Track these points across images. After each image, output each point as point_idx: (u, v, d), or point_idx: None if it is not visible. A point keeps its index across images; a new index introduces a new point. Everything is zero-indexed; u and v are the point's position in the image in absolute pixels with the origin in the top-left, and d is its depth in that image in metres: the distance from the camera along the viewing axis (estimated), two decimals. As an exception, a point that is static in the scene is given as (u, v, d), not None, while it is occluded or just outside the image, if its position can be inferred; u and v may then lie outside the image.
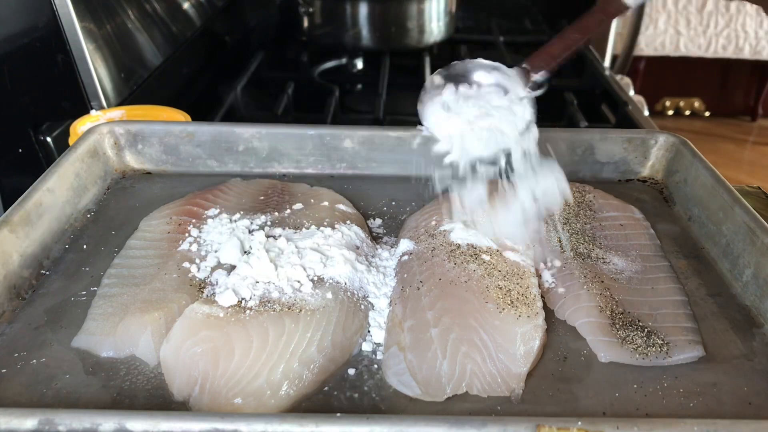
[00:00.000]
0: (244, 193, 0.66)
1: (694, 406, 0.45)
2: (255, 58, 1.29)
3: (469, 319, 0.48)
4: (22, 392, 0.44)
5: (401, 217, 0.66)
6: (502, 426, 0.38)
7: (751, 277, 0.55)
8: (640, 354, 0.48)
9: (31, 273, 0.56)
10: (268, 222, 0.61)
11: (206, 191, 0.66)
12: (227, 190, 0.66)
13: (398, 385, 0.46)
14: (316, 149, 0.73)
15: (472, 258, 0.53)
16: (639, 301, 0.53)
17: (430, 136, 0.58)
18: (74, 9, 0.84)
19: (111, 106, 0.87)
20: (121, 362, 0.47)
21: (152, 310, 0.50)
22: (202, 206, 0.63)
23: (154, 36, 1.06)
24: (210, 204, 0.63)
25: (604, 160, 0.74)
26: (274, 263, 0.53)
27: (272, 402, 0.44)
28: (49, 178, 0.61)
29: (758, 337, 0.51)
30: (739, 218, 0.58)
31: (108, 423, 0.38)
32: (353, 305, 0.52)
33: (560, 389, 0.46)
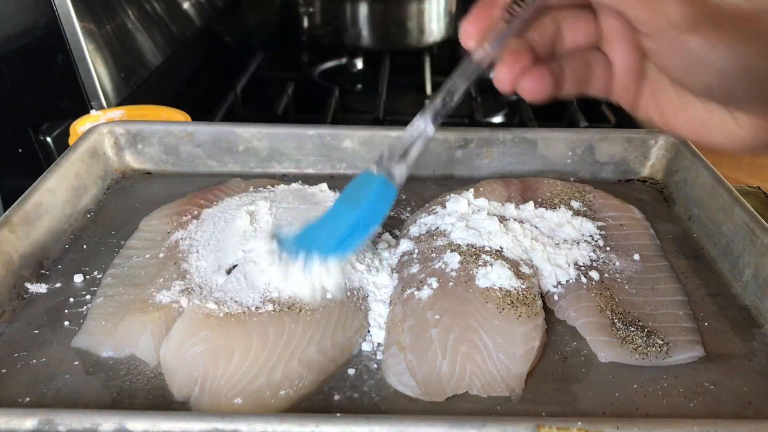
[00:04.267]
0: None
1: (694, 406, 0.45)
2: (255, 58, 1.29)
3: (469, 319, 0.48)
4: (22, 392, 0.44)
5: (401, 217, 0.66)
6: (502, 426, 0.38)
7: (751, 277, 0.55)
8: (640, 354, 0.48)
9: (31, 273, 0.56)
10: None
11: (206, 191, 0.66)
12: (227, 190, 0.66)
13: (398, 385, 0.46)
14: (316, 149, 0.73)
15: (473, 258, 0.53)
16: (639, 301, 0.53)
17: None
18: (74, 9, 0.84)
19: (111, 106, 0.87)
20: (121, 362, 0.47)
21: (152, 310, 0.50)
22: (202, 206, 0.63)
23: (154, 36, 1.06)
24: (210, 204, 0.63)
25: (604, 160, 0.74)
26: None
27: (272, 402, 0.44)
28: (49, 178, 0.61)
29: (758, 337, 0.51)
30: (739, 218, 0.58)
31: (108, 423, 0.38)
32: (353, 305, 0.52)
33: (560, 389, 0.46)
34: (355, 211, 0.49)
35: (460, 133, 0.73)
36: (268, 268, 0.51)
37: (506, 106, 1.18)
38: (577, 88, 0.40)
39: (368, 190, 0.49)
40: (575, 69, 0.40)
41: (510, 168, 0.73)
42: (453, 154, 0.73)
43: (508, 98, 1.20)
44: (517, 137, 0.73)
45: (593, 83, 0.40)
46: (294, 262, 0.50)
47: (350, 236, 0.50)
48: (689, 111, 0.38)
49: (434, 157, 0.73)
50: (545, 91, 0.38)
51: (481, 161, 0.73)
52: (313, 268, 0.50)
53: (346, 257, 0.52)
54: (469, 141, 0.73)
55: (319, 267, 0.50)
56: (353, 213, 0.49)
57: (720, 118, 0.37)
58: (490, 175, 0.72)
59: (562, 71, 0.39)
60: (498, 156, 0.73)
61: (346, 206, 0.51)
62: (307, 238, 0.51)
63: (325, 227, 0.51)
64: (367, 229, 0.50)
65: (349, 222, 0.49)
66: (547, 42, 0.40)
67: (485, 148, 0.73)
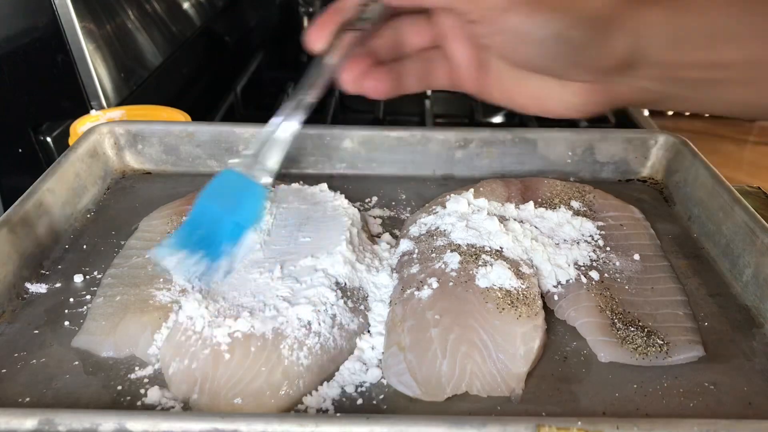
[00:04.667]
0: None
1: (694, 406, 0.45)
2: (255, 58, 1.29)
3: (469, 319, 0.48)
4: (22, 392, 0.44)
5: (401, 217, 0.66)
6: (502, 426, 0.38)
7: (751, 277, 0.55)
8: (640, 354, 0.48)
9: (31, 273, 0.56)
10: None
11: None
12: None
13: (398, 385, 0.46)
14: (316, 149, 0.73)
15: (473, 258, 0.53)
16: (639, 301, 0.53)
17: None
18: (74, 9, 0.84)
19: (111, 106, 0.87)
20: (121, 362, 0.47)
21: (152, 310, 0.50)
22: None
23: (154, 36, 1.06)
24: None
25: (604, 160, 0.74)
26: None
27: (272, 402, 0.44)
28: (49, 178, 0.61)
29: (758, 337, 0.51)
30: (739, 218, 0.58)
31: (108, 423, 0.38)
32: (353, 305, 0.52)
33: (560, 389, 0.46)
34: (232, 215, 0.49)
35: (460, 133, 0.73)
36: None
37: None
38: (419, 86, 0.46)
39: (240, 192, 0.49)
40: (416, 68, 0.45)
41: (510, 168, 0.73)
42: (453, 154, 0.73)
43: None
44: (517, 137, 0.73)
45: (436, 78, 0.46)
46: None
47: (230, 240, 0.49)
48: (528, 87, 0.43)
49: (434, 157, 0.73)
50: (385, 89, 0.44)
51: (481, 161, 0.73)
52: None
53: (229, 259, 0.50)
54: (469, 141, 0.73)
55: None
56: (230, 216, 0.49)
57: (555, 89, 0.42)
58: (490, 175, 0.72)
59: (404, 70, 0.45)
60: (498, 156, 0.73)
61: (219, 208, 0.49)
62: (188, 239, 0.49)
63: (202, 229, 0.49)
64: (243, 231, 0.49)
65: (229, 223, 0.49)
66: (388, 47, 0.45)
67: (485, 148, 0.73)
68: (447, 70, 0.45)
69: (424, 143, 0.73)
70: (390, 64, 0.44)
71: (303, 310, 0.49)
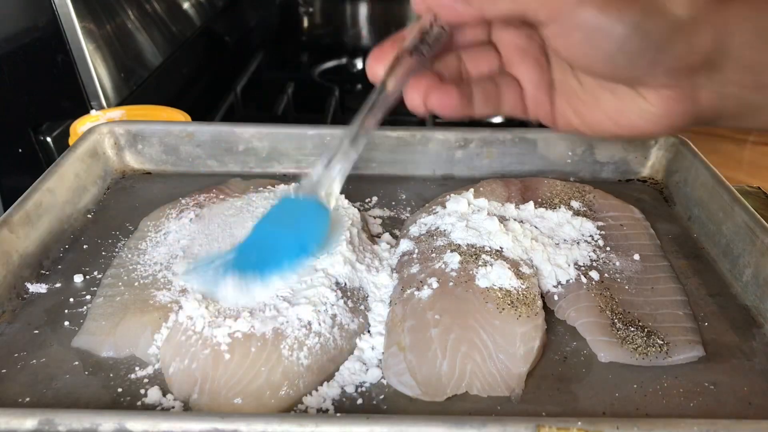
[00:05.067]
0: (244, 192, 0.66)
1: (694, 406, 0.45)
2: (255, 58, 1.29)
3: (469, 319, 0.48)
4: (22, 392, 0.44)
5: (401, 217, 0.66)
6: (502, 426, 0.38)
7: (751, 277, 0.55)
8: (640, 354, 0.48)
9: (31, 273, 0.56)
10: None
11: (206, 191, 0.66)
12: (227, 190, 0.66)
13: (398, 385, 0.46)
14: (316, 149, 0.73)
15: (473, 258, 0.53)
16: (639, 301, 0.53)
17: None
18: (74, 9, 0.84)
19: (111, 106, 0.87)
20: (121, 362, 0.47)
21: (152, 310, 0.50)
22: (202, 206, 0.63)
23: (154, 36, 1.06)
24: (210, 204, 0.63)
25: (604, 160, 0.74)
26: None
27: (272, 402, 0.44)
28: (49, 178, 0.61)
29: (758, 337, 0.51)
30: (739, 218, 0.58)
31: (108, 423, 0.38)
32: (353, 305, 0.52)
33: (560, 389, 0.46)
34: (295, 232, 0.48)
35: (460, 133, 0.73)
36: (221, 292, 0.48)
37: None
38: (489, 108, 0.43)
39: (304, 211, 0.48)
40: (484, 90, 0.43)
41: (510, 168, 0.73)
42: (453, 154, 0.73)
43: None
44: (517, 137, 0.73)
45: (506, 103, 0.44)
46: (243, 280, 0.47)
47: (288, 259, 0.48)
48: (602, 104, 0.40)
49: (434, 157, 0.73)
50: (453, 105, 0.42)
51: (481, 161, 0.73)
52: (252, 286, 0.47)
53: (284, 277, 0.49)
54: (469, 141, 0.73)
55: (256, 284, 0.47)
56: (292, 233, 0.48)
57: (631, 101, 0.39)
58: (490, 175, 0.72)
59: (471, 91, 0.43)
60: (498, 156, 0.73)
61: (279, 228, 0.48)
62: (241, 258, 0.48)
63: (258, 249, 0.48)
64: (307, 251, 0.49)
65: (290, 242, 0.47)
66: (452, 72, 0.43)
67: (485, 148, 0.73)
68: (516, 95, 0.43)
69: (424, 143, 0.73)
70: (458, 83, 0.43)
71: (303, 310, 0.49)
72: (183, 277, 0.52)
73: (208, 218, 0.61)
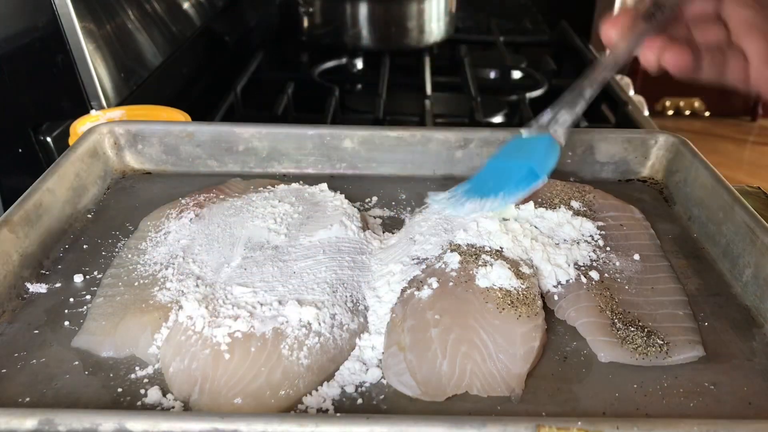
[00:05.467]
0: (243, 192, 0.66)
1: (694, 406, 0.45)
2: (255, 58, 1.29)
3: (469, 319, 0.48)
4: (22, 392, 0.44)
5: (401, 217, 0.66)
6: (502, 426, 0.38)
7: (751, 277, 0.55)
8: (640, 354, 0.48)
9: (31, 273, 0.56)
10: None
11: (206, 191, 0.66)
12: (227, 190, 0.66)
13: (398, 385, 0.46)
14: (316, 149, 0.73)
15: (473, 258, 0.53)
16: (639, 301, 0.53)
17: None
18: (74, 9, 0.84)
19: (111, 106, 0.87)
20: (121, 362, 0.47)
21: (152, 310, 0.50)
22: (202, 206, 0.63)
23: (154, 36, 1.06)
24: (210, 204, 0.63)
25: (604, 160, 0.74)
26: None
27: (272, 402, 0.44)
28: (49, 178, 0.61)
29: (758, 337, 0.51)
30: (739, 218, 0.58)
31: (108, 423, 0.38)
32: (353, 305, 0.52)
33: (560, 389, 0.46)
34: (528, 161, 0.54)
35: (460, 133, 0.73)
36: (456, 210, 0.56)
37: (506, 106, 1.18)
38: (714, 74, 0.48)
39: (535, 145, 0.55)
40: (712, 57, 0.47)
41: (510, 168, 0.73)
42: (453, 154, 0.73)
43: (508, 98, 1.20)
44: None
45: (731, 72, 0.47)
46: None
47: (521, 183, 0.55)
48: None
49: (434, 157, 0.73)
50: (686, 64, 0.47)
51: (481, 161, 0.73)
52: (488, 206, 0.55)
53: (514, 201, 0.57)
54: (469, 141, 0.73)
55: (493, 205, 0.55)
56: (525, 162, 0.54)
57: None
58: (490, 175, 0.72)
59: (700, 55, 0.47)
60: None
61: (514, 159, 0.55)
62: (476, 187, 0.56)
63: (493, 177, 0.56)
64: (537, 179, 0.55)
65: (523, 169, 0.54)
66: (681, 39, 0.48)
67: (485, 148, 0.73)
68: (740, 67, 0.46)
69: (424, 143, 0.73)
70: (688, 44, 0.47)
71: (303, 310, 0.49)
72: (432, 200, 0.59)
73: (208, 218, 0.61)
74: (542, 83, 1.24)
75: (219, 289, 0.51)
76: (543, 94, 1.21)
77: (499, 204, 0.55)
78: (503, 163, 0.58)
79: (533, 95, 1.18)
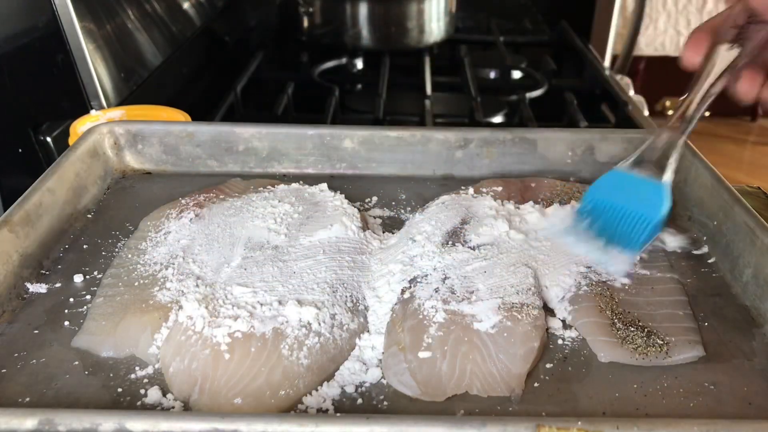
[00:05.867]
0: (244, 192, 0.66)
1: (694, 406, 0.45)
2: (255, 58, 1.29)
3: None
4: (22, 392, 0.44)
5: (401, 217, 0.66)
6: (502, 426, 0.38)
7: (751, 277, 0.55)
8: (640, 354, 0.48)
9: (31, 273, 0.56)
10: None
11: (206, 191, 0.66)
12: (227, 190, 0.66)
13: (398, 385, 0.46)
14: (316, 149, 0.73)
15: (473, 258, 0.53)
16: (639, 301, 0.53)
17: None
18: (74, 9, 0.84)
19: (111, 106, 0.87)
20: (121, 362, 0.47)
21: (152, 310, 0.50)
22: (202, 206, 0.63)
23: (154, 36, 1.06)
24: (210, 204, 0.63)
25: (604, 160, 0.73)
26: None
27: (272, 402, 0.44)
28: (49, 178, 0.61)
29: (758, 337, 0.51)
30: (739, 218, 0.58)
31: (108, 423, 0.38)
32: (353, 305, 0.52)
33: (560, 389, 0.46)
34: (655, 217, 0.54)
35: (460, 133, 0.73)
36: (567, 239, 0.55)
37: (506, 106, 1.18)
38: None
39: (653, 193, 0.54)
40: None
41: (510, 168, 0.73)
42: (453, 154, 0.73)
43: (508, 98, 1.20)
44: (517, 137, 0.73)
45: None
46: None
47: (644, 238, 0.54)
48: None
49: (434, 157, 0.73)
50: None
51: (481, 161, 0.73)
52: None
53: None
54: (469, 141, 0.73)
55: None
56: (653, 219, 0.54)
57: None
58: (490, 175, 0.72)
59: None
60: (498, 156, 0.73)
61: (640, 205, 0.54)
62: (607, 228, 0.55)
63: (624, 224, 0.54)
64: (657, 233, 0.55)
65: (651, 223, 0.53)
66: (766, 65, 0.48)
67: (485, 148, 0.73)
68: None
69: (424, 143, 0.73)
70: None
71: (303, 310, 0.49)
72: (562, 235, 0.57)
73: (208, 218, 0.61)
74: (542, 83, 1.24)
75: (219, 289, 0.51)
76: (543, 94, 1.21)
77: (628, 255, 0.55)
78: (626, 206, 0.55)
79: (533, 95, 1.18)
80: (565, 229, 0.56)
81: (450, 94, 1.29)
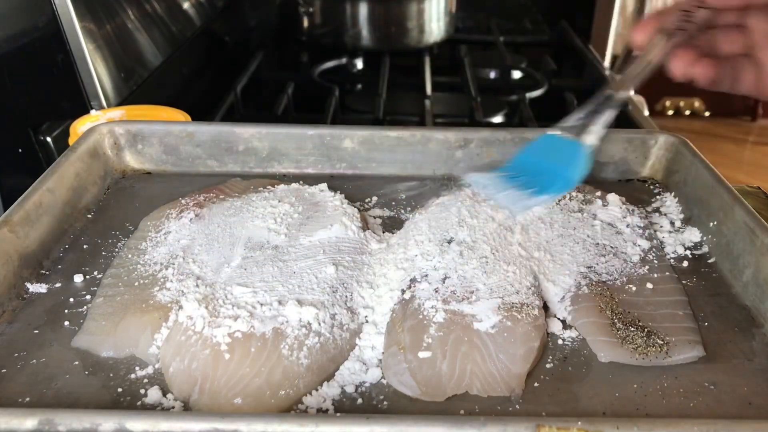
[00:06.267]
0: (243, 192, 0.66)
1: (694, 406, 0.45)
2: (255, 58, 1.29)
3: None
4: (22, 392, 0.44)
5: (401, 217, 0.66)
6: (502, 426, 0.38)
7: (751, 277, 0.55)
8: (640, 354, 0.48)
9: (31, 273, 0.56)
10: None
11: (206, 191, 0.66)
12: (227, 190, 0.66)
13: (398, 385, 0.46)
14: (316, 149, 0.73)
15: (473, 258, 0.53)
16: (639, 301, 0.53)
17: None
18: (74, 9, 0.84)
19: (111, 106, 0.87)
20: (121, 362, 0.47)
21: (152, 310, 0.50)
22: (202, 206, 0.63)
23: (154, 36, 1.06)
24: (210, 204, 0.63)
25: (604, 160, 0.74)
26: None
27: (272, 402, 0.44)
28: (49, 178, 0.61)
29: (758, 337, 0.51)
30: (739, 218, 0.58)
31: (108, 423, 0.38)
32: (353, 305, 0.52)
33: (560, 389, 0.46)
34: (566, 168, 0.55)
35: (460, 133, 0.73)
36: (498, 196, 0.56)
37: (506, 106, 1.18)
38: (728, 85, 0.52)
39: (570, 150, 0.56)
40: (732, 69, 0.51)
41: (510, 168, 0.73)
42: (453, 154, 0.73)
43: (508, 98, 1.20)
44: (517, 137, 0.73)
45: (743, 82, 0.52)
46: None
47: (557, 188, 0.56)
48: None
49: (434, 157, 0.73)
50: (711, 77, 0.51)
51: (481, 161, 0.73)
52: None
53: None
54: (469, 141, 0.73)
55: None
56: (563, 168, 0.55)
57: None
58: (490, 175, 0.72)
59: (720, 63, 0.51)
60: (498, 156, 0.73)
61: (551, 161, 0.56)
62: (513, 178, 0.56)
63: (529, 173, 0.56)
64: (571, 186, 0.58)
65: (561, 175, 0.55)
66: (705, 49, 0.52)
67: (485, 148, 0.73)
68: (754, 77, 0.51)
69: (424, 143, 0.73)
70: (712, 59, 0.51)
71: (303, 310, 0.49)
72: (472, 178, 0.59)
73: (208, 218, 0.61)
74: (542, 83, 1.24)
75: (219, 289, 0.51)
76: (543, 94, 1.21)
77: (535, 204, 0.56)
78: (540, 162, 0.57)
79: (533, 95, 1.18)
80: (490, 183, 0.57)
81: (450, 94, 1.29)
